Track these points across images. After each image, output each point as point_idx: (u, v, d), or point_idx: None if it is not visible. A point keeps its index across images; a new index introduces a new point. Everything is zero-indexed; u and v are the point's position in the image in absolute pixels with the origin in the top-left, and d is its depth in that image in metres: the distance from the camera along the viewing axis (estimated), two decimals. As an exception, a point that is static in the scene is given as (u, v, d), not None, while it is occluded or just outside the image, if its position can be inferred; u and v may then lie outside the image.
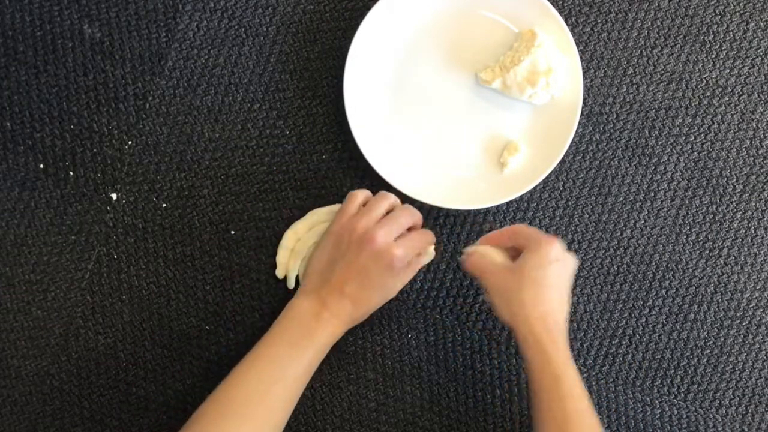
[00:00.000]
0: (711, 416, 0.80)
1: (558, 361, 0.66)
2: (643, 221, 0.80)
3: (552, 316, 0.68)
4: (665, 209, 0.80)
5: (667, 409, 0.79)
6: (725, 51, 0.81)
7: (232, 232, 0.78)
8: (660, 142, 0.80)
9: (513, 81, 0.76)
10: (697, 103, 0.81)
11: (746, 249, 0.81)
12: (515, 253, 0.72)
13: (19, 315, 0.77)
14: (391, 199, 0.72)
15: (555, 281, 0.69)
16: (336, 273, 0.70)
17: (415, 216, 0.73)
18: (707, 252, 0.80)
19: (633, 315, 0.80)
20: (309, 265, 0.73)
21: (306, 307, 0.70)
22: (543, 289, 0.68)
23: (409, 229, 0.73)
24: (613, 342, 0.80)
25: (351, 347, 0.78)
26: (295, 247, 0.76)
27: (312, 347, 0.68)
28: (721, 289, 0.80)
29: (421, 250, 0.74)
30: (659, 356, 0.80)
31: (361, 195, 0.73)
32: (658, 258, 0.80)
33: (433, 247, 0.76)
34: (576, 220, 0.80)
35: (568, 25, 0.77)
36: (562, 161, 0.79)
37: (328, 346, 0.70)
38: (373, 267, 0.69)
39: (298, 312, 0.70)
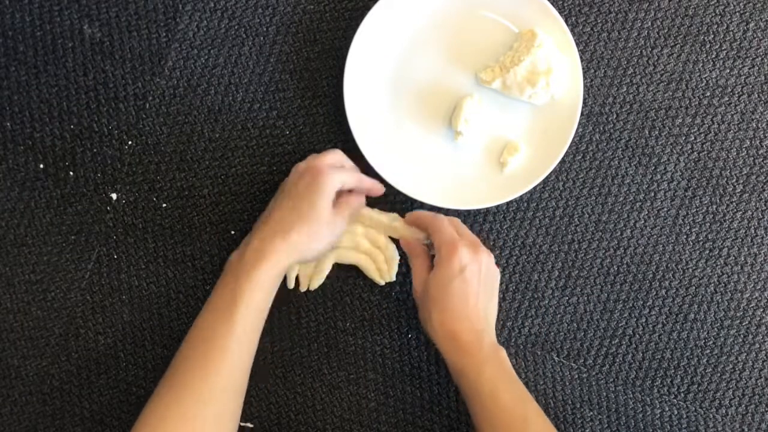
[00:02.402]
0: (711, 416, 0.80)
1: (471, 371, 0.68)
2: (643, 221, 0.80)
3: (460, 329, 0.69)
4: (665, 209, 0.80)
5: (667, 409, 0.79)
6: (725, 51, 0.81)
7: (232, 232, 0.78)
8: (660, 142, 0.80)
9: (513, 81, 0.76)
10: (697, 103, 0.81)
11: (746, 249, 0.81)
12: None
13: (19, 315, 0.77)
14: (337, 153, 0.73)
15: (460, 292, 0.69)
16: (268, 208, 0.72)
17: (366, 178, 0.73)
18: (707, 252, 0.80)
19: (633, 315, 0.80)
20: None
21: (236, 252, 0.70)
22: (447, 306, 0.69)
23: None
24: (613, 342, 0.80)
25: (351, 347, 0.78)
26: (295, 247, 0.76)
27: (243, 289, 0.65)
28: (721, 289, 0.80)
29: (355, 179, 0.72)
30: (659, 356, 0.80)
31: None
32: (658, 258, 0.80)
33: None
34: (576, 220, 0.80)
35: (568, 25, 0.77)
36: (562, 161, 0.79)
37: (266, 284, 0.67)
38: (300, 179, 0.69)
39: (229, 260, 0.70)
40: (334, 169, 0.70)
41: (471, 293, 0.70)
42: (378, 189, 0.75)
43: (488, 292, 0.72)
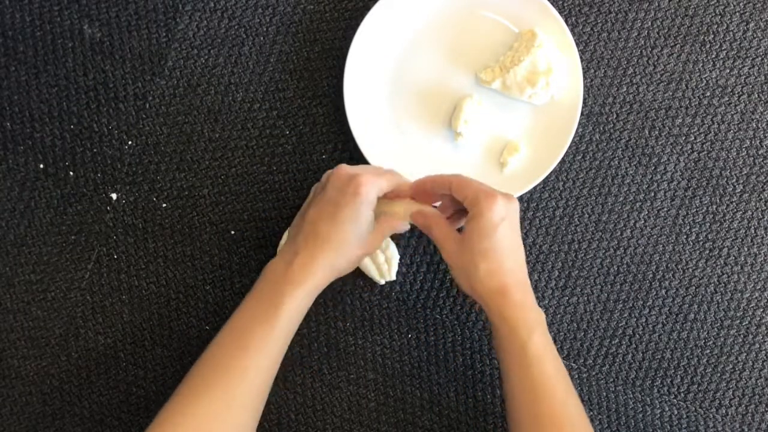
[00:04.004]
0: (711, 416, 0.80)
1: (521, 328, 0.65)
2: (643, 221, 0.80)
3: (511, 282, 0.66)
4: (665, 209, 0.80)
5: (667, 409, 0.79)
6: (725, 51, 0.81)
7: (232, 232, 0.78)
8: (660, 142, 0.80)
9: (513, 81, 0.76)
10: (697, 103, 0.81)
11: (746, 249, 0.81)
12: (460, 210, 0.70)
13: (19, 315, 0.77)
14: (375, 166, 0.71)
15: (506, 244, 0.66)
16: (308, 217, 0.68)
17: (398, 176, 0.71)
18: (707, 252, 0.80)
19: (633, 315, 0.80)
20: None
21: (278, 262, 0.67)
22: (495, 257, 0.66)
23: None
24: (613, 342, 0.80)
25: (351, 347, 0.78)
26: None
27: (285, 299, 0.65)
28: (721, 289, 0.80)
29: (391, 182, 0.70)
30: (659, 356, 0.80)
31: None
32: (658, 258, 0.80)
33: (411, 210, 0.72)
34: (576, 220, 0.80)
35: (568, 25, 0.77)
36: (562, 161, 0.79)
37: (307, 299, 0.67)
38: (341, 196, 0.67)
39: (272, 269, 0.67)
40: (371, 178, 0.67)
41: (515, 243, 0.67)
42: (415, 187, 0.72)
43: (519, 238, 0.69)
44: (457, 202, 0.70)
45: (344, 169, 0.69)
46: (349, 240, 0.67)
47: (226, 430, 0.63)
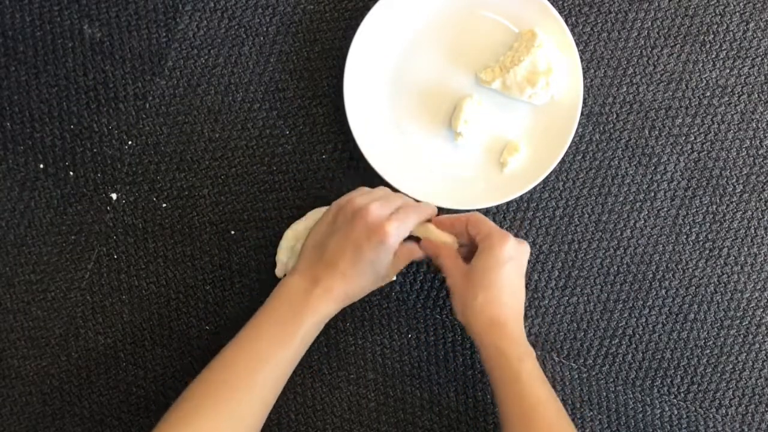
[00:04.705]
0: (711, 416, 0.80)
1: (514, 357, 0.68)
2: (643, 221, 0.80)
3: (506, 315, 0.69)
4: (665, 209, 0.80)
5: (667, 409, 0.79)
6: (725, 51, 0.81)
7: (232, 232, 0.78)
8: (660, 142, 0.80)
9: (513, 81, 0.76)
10: (697, 103, 0.81)
11: (746, 249, 0.81)
12: (471, 245, 0.72)
13: (19, 315, 0.77)
14: (402, 198, 0.71)
15: (508, 281, 0.69)
16: (329, 248, 0.69)
17: (423, 211, 0.72)
18: (707, 252, 0.80)
19: (633, 315, 0.80)
20: (304, 242, 0.72)
21: (297, 284, 0.68)
22: (495, 291, 0.69)
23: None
24: (613, 342, 0.80)
25: (351, 347, 0.78)
26: (295, 247, 0.76)
27: (302, 325, 0.67)
28: (721, 289, 0.80)
29: (417, 222, 0.71)
30: (659, 356, 0.80)
31: (370, 189, 0.72)
32: (658, 258, 0.80)
33: (452, 241, 0.73)
34: (576, 220, 0.80)
35: (568, 25, 0.77)
36: (562, 161, 0.79)
37: (319, 325, 0.68)
38: (366, 241, 0.67)
39: (289, 289, 0.68)
40: (396, 226, 0.68)
41: (516, 283, 0.70)
42: (432, 211, 0.74)
43: (522, 281, 0.72)
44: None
45: (371, 208, 0.68)
46: (367, 277, 0.69)
47: None
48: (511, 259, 0.69)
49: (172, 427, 0.63)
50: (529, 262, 0.79)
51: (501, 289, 0.69)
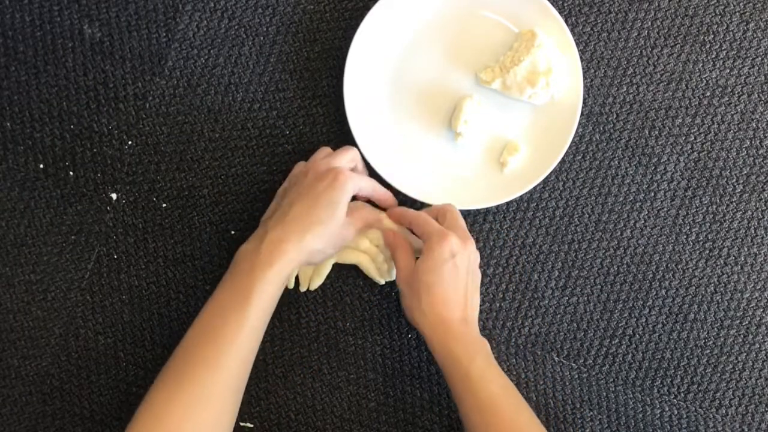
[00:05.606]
0: (711, 416, 0.80)
1: (462, 356, 0.68)
2: (643, 221, 0.80)
3: (451, 317, 0.69)
4: (665, 209, 0.80)
5: (667, 409, 0.79)
6: (725, 51, 0.81)
7: (232, 232, 0.78)
8: (660, 142, 0.80)
9: (513, 81, 0.76)
10: (697, 103, 0.81)
11: (746, 249, 0.81)
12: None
13: (19, 315, 0.77)
14: (353, 151, 0.73)
15: (451, 280, 0.69)
16: (283, 204, 0.70)
17: (379, 186, 0.74)
18: (707, 252, 0.80)
19: (633, 315, 0.80)
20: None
21: (246, 247, 0.68)
22: (438, 291, 0.69)
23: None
24: (613, 342, 0.80)
25: (351, 347, 0.78)
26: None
27: (256, 288, 0.64)
28: (721, 289, 0.80)
29: (369, 188, 0.72)
30: (659, 356, 0.80)
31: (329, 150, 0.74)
32: (658, 258, 0.80)
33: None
34: (576, 220, 0.80)
35: (568, 25, 0.77)
36: (562, 161, 0.79)
37: (277, 282, 0.66)
38: (318, 182, 0.68)
39: (239, 256, 0.68)
40: (354, 174, 0.70)
41: (460, 280, 0.70)
42: (390, 200, 0.75)
43: (474, 285, 0.72)
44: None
45: (322, 159, 0.71)
46: (321, 220, 0.67)
47: (203, 424, 0.62)
48: (452, 257, 0.69)
49: (146, 417, 0.63)
50: (529, 262, 0.79)
51: (444, 288, 0.69)
